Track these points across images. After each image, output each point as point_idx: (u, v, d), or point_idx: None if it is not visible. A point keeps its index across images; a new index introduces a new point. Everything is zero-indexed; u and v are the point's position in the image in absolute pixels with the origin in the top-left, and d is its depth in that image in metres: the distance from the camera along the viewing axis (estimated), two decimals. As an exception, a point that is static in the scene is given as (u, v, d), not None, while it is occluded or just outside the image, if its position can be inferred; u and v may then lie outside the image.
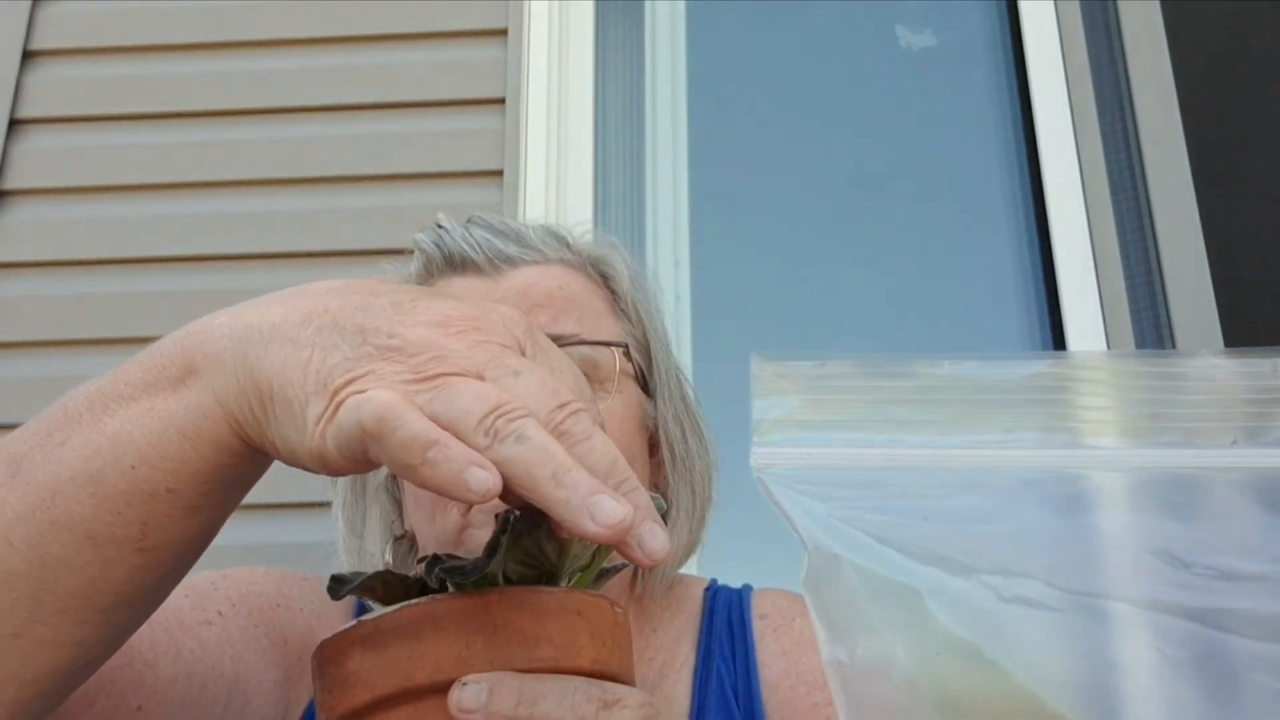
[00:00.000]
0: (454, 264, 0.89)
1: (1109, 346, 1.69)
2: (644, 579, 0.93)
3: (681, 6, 2.10)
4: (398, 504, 0.92)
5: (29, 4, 1.95)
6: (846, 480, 0.43)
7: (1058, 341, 1.75)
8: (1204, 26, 1.94)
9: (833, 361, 0.45)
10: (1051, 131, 1.84)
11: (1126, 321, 1.69)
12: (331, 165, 1.84)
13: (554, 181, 1.83)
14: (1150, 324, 1.69)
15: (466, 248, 0.88)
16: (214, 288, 1.79)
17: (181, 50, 1.93)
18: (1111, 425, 0.46)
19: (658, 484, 0.94)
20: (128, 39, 1.94)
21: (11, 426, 1.93)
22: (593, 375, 0.86)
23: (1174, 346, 1.63)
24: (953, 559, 0.42)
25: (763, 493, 0.43)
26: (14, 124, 1.89)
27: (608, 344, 0.87)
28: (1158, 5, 1.84)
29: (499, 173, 1.80)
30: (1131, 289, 1.72)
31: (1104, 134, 1.82)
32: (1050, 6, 1.93)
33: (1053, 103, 1.86)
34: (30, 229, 1.84)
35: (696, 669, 0.90)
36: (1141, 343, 1.68)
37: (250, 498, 0.86)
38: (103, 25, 1.96)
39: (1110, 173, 1.79)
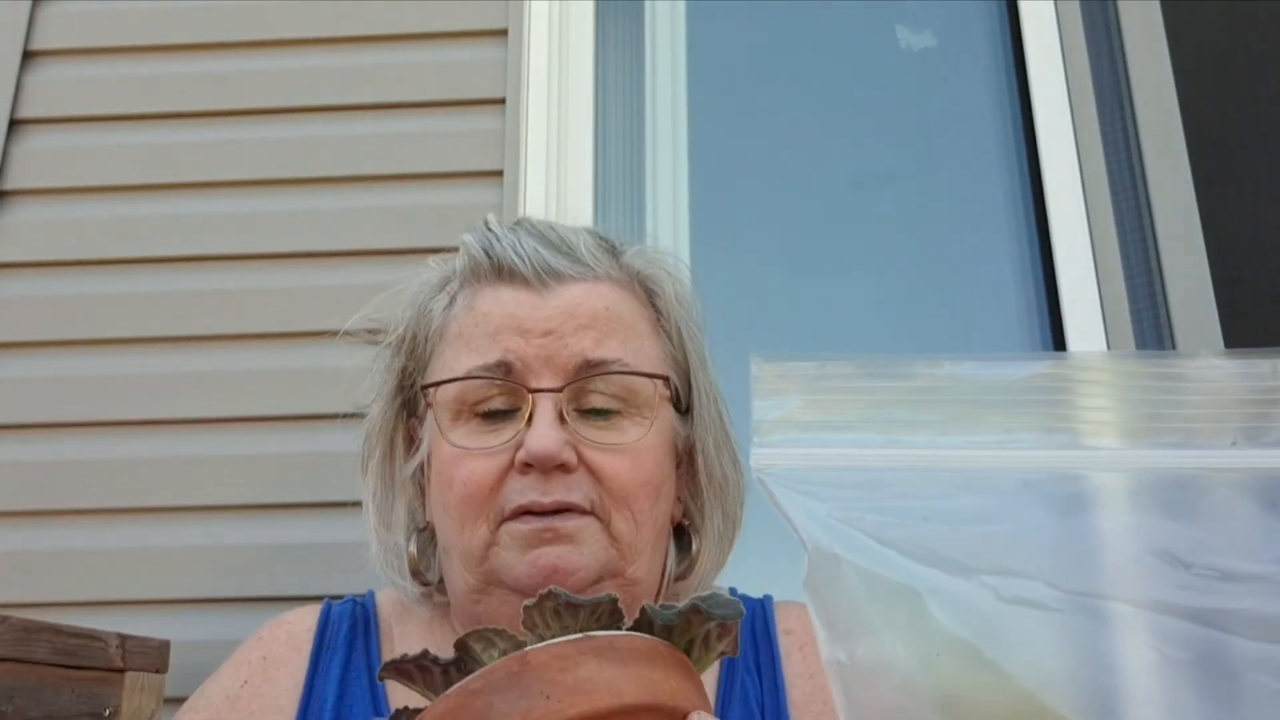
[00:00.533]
0: (501, 273, 0.88)
1: (1109, 346, 1.69)
2: (667, 589, 0.92)
3: (682, 7, 2.10)
4: (423, 494, 0.93)
5: (29, 4, 1.95)
6: (846, 481, 0.43)
7: (1058, 341, 1.75)
8: (1204, 26, 1.94)
9: (832, 362, 0.45)
10: (1051, 131, 1.84)
11: (1127, 322, 1.69)
12: (332, 165, 1.84)
13: (554, 181, 1.83)
14: (1150, 324, 1.69)
15: (516, 259, 0.87)
16: (214, 288, 1.79)
17: (181, 50, 1.93)
18: (1111, 426, 0.46)
19: (681, 495, 0.93)
20: (128, 39, 1.94)
21: (11, 427, 1.94)
22: (630, 401, 0.86)
23: (1174, 346, 1.63)
24: (953, 559, 0.42)
25: (763, 493, 0.43)
26: (14, 124, 1.89)
27: (650, 375, 0.87)
28: (1158, 5, 1.84)
29: (499, 173, 1.80)
30: (1131, 289, 1.72)
31: (1104, 134, 1.82)
32: (1050, 6, 1.93)
33: (1053, 103, 1.86)
34: (30, 229, 1.84)
35: (720, 679, 0.89)
36: (1142, 343, 1.68)
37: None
38: (103, 25, 1.96)
39: (1110, 173, 1.79)
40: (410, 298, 0.95)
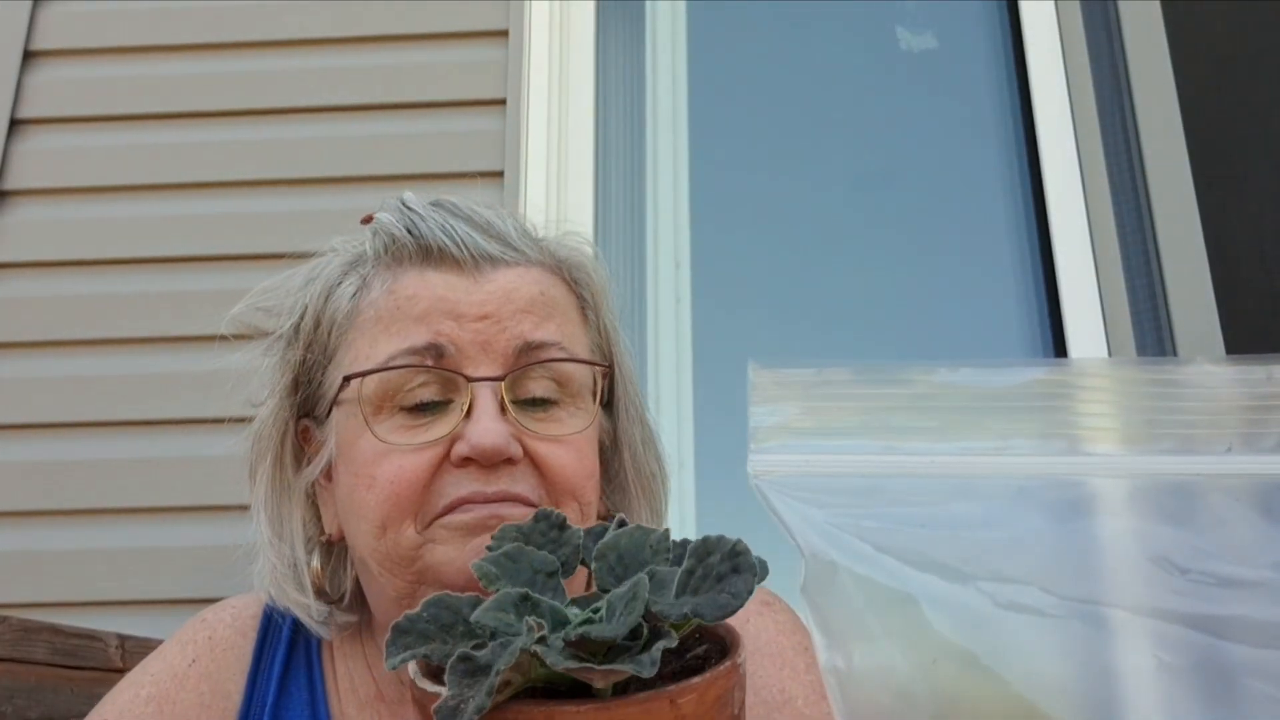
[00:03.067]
0: (428, 255, 0.81)
1: (1109, 348, 1.69)
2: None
3: (682, 7, 2.10)
4: (317, 513, 0.85)
5: (29, 4, 1.95)
6: (843, 487, 0.43)
7: (1058, 342, 1.75)
8: (1204, 26, 1.94)
9: (829, 369, 0.45)
10: (1052, 132, 1.84)
11: (1127, 323, 1.70)
12: (332, 166, 1.84)
13: (554, 182, 1.83)
14: (1151, 326, 1.69)
15: (447, 241, 0.81)
16: (214, 288, 1.79)
17: (182, 51, 1.93)
18: (1108, 432, 0.46)
19: (603, 493, 0.88)
20: (128, 39, 1.94)
21: (11, 427, 1.94)
22: (568, 390, 0.80)
23: (1174, 348, 1.63)
24: (949, 566, 0.42)
25: (759, 500, 0.43)
26: (14, 124, 1.89)
27: (593, 364, 0.82)
28: (1158, 5, 1.84)
29: (499, 173, 1.80)
30: (1132, 290, 1.72)
31: (1104, 135, 1.82)
32: (1050, 6, 1.93)
33: (1053, 103, 1.86)
34: (30, 229, 1.85)
35: None
36: (1142, 344, 1.68)
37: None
38: (103, 26, 1.96)
39: (1110, 174, 1.79)
40: (306, 282, 0.88)
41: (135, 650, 1.30)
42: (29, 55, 1.93)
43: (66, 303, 1.80)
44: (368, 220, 0.89)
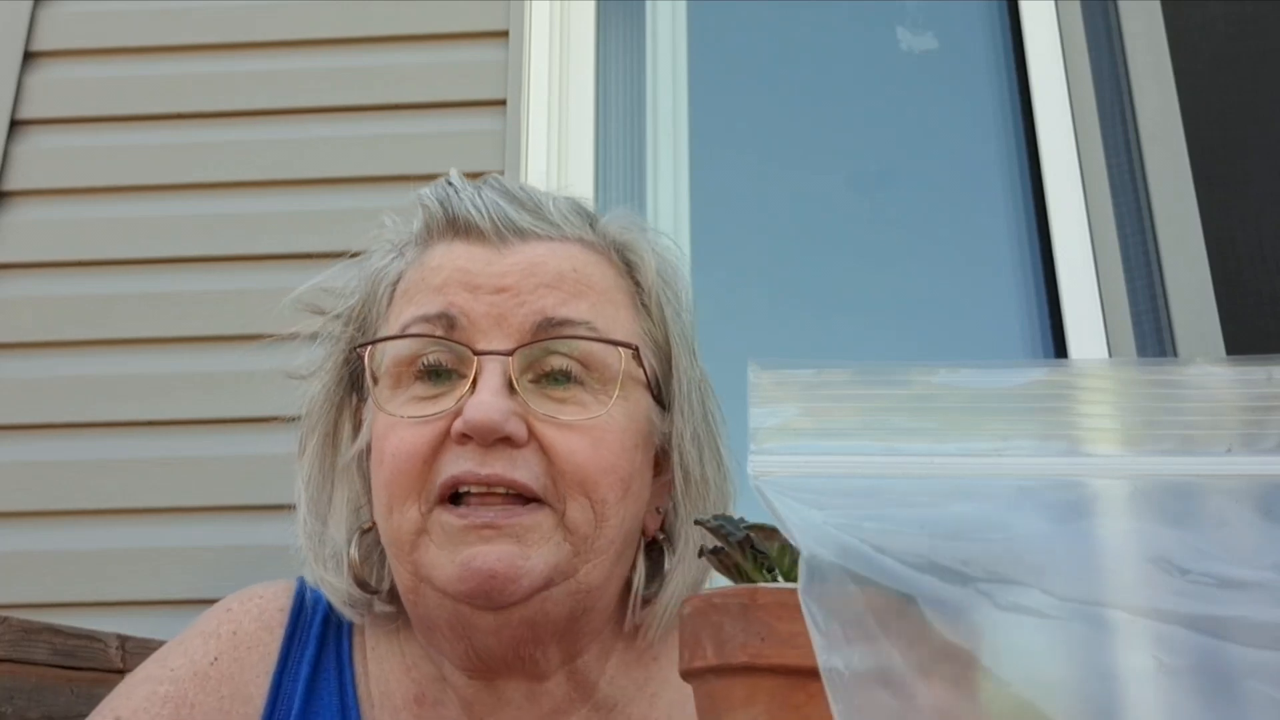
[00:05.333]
0: (457, 227, 0.78)
1: (1110, 348, 1.69)
2: (635, 612, 0.80)
3: (683, 8, 2.10)
4: (368, 486, 0.81)
5: (30, 5, 1.95)
6: (844, 489, 0.43)
7: (1058, 343, 1.75)
8: (1204, 26, 1.94)
9: (830, 369, 0.45)
10: (1052, 133, 1.84)
11: (1127, 324, 1.70)
12: (332, 167, 1.84)
13: (555, 182, 1.84)
14: (1151, 326, 1.69)
15: (473, 211, 0.77)
16: (214, 288, 1.79)
17: (182, 51, 1.93)
18: (1108, 433, 0.46)
19: (660, 505, 0.82)
20: (128, 40, 1.94)
21: (11, 427, 1.94)
22: (594, 371, 0.75)
23: (1175, 348, 1.63)
24: (949, 567, 0.42)
25: (760, 501, 0.43)
26: (15, 124, 1.89)
27: (614, 343, 0.75)
28: (1158, 5, 1.84)
29: (500, 174, 1.80)
30: (1132, 290, 1.72)
31: (1104, 135, 1.82)
32: (1050, 6, 1.93)
33: (1053, 104, 1.86)
34: (30, 229, 1.85)
35: None
36: (1142, 345, 1.68)
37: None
38: (103, 26, 1.96)
39: (1110, 174, 1.79)
40: (360, 261, 0.87)
41: (136, 651, 1.30)
42: (29, 55, 1.93)
43: (66, 303, 1.80)
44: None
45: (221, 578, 1.64)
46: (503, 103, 1.84)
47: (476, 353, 0.73)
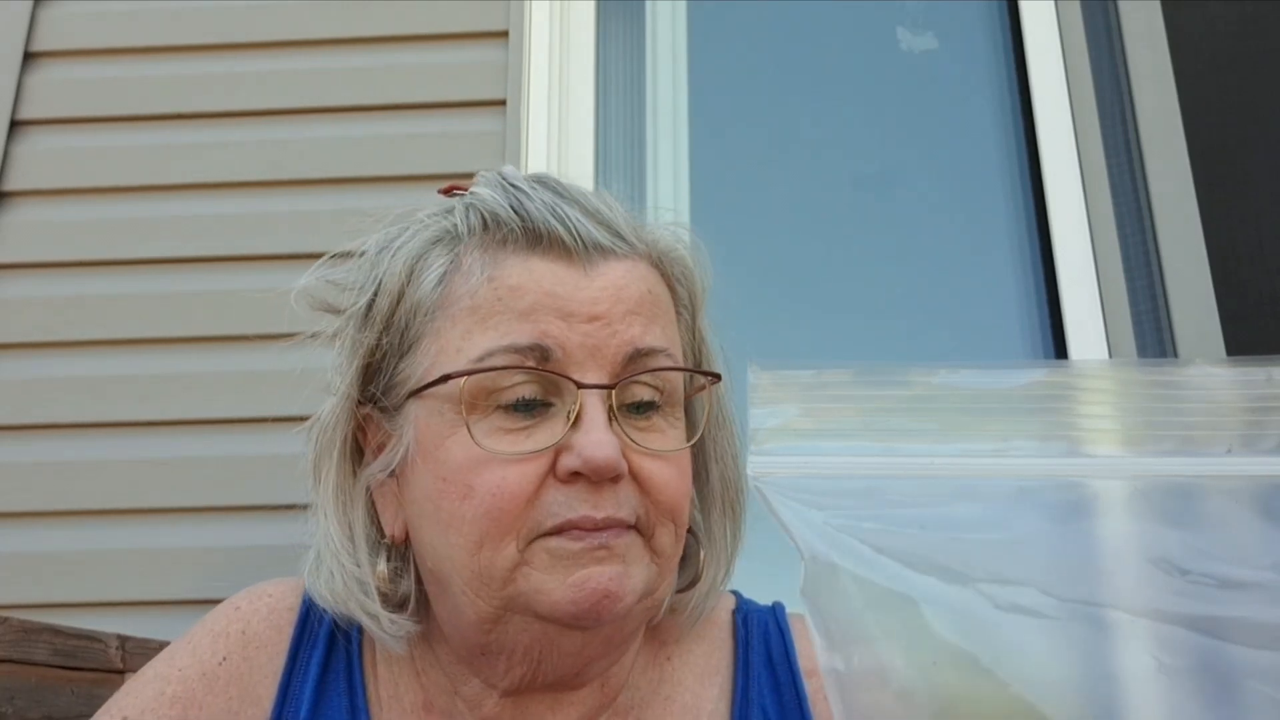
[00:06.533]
0: (535, 240, 0.73)
1: (1110, 349, 1.69)
2: (660, 614, 0.80)
3: (683, 8, 2.10)
4: (373, 503, 0.78)
5: (30, 5, 1.95)
6: (843, 489, 0.43)
7: (1058, 343, 1.75)
8: (1204, 26, 1.94)
9: (829, 370, 0.46)
10: (1052, 133, 1.84)
11: (1128, 324, 1.70)
12: (332, 167, 1.84)
13: (554, 182, 1.83)
14: (1151, 327, 1.69)
15: (559, 227, 0.73)
16: (214, 289, 1.79)
17: (182, 52, 1.93)
18: (1108, 434, 0.46)
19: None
20: (128, 40, 1.94)
21: (11, 427, 1.93)
22: (667, 398, 0.74)
23: (1175, 349, 1.63)
24: (949, 567, 0.42)
25: (760, 502, 0.43)
26: (15, 125, 1.89)
27: (705, 374, 0.77)
28: (1158, 5, 1.84)
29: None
30: (1132, 290, 1.72)
31: (1104, 135, 1.82)
32: (1051, 7, 1.93)
33: (1053, 104, 1.86)
34: (30, 230, 1.85)
35: (733, 707, 0.79)
36: (1143, 345, 1.68)
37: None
38: (103, 27, 1.96)
39: (1110, 174, 1.79)
40: (379, 251, 0.80)
41: (136, 651, 1.30)
42: (29, 56, 1.93)
43: (66, 303, 1.80)
44: (449, 191, 0.83)
45: (222, 578, 1.64)
46: (503, 103, 1.84)
47: (580, 386, 0.70)
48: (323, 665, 0.80)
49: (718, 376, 0.77)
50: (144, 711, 0.76)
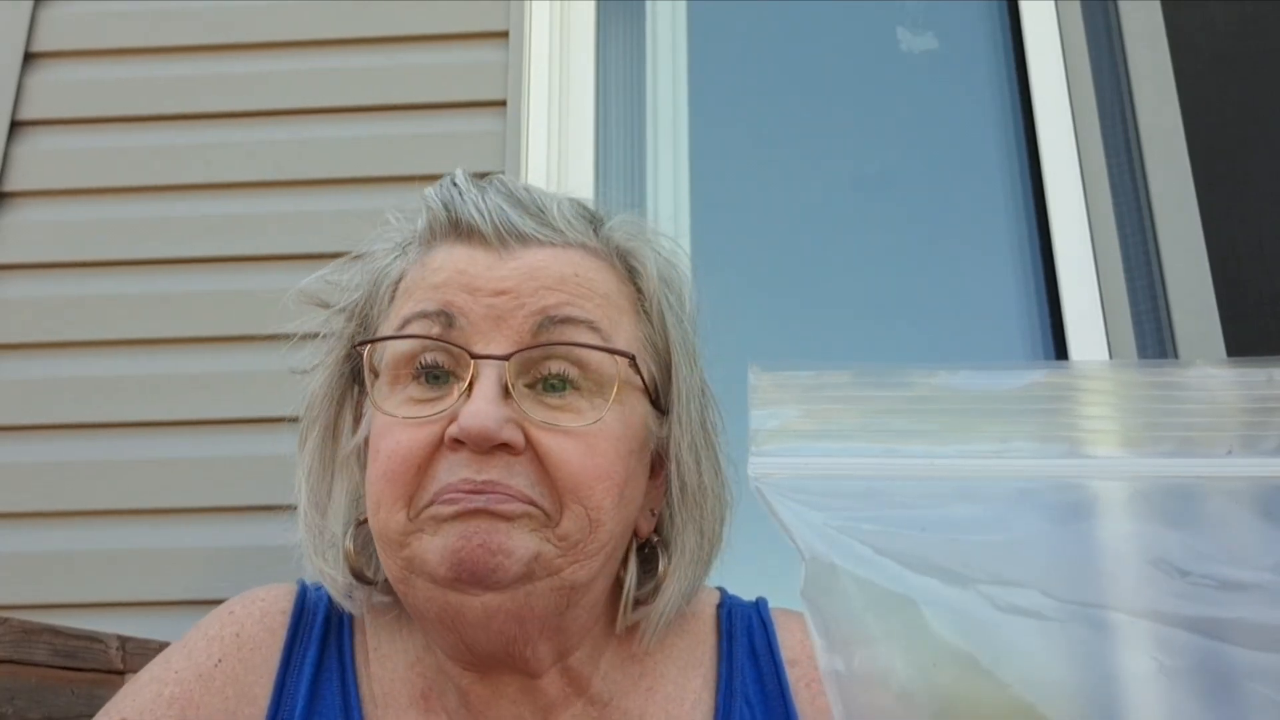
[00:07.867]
0: (459, 230, 0.78)
1: (1110, 350, 1.69)
2: (627, 613, 0.81)
3: (683, 8, 2.10)
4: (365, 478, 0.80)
5: (30, 6, 1.95)
6: (844, 490, 0.43)
7: (1059, 344, 1.75)
8: (1204, 26, 1.94)
9: (830, 371, 0.46)
10: (1052, 133, 1.84)
11: (1128, 324, 1.70)
12: (332, 167, 1.84)
13: (555, 183, 1.84)
14: (1152, 327, 1.69)
15: (476, 215, 0.77)
16: (214, 289, 1.79)
17: (182, 52, 1.93)
18: (1108, 435, 0.46)
19: (655, 508, 0.82)
20: (128, 41, 1.94)
21: (11, 427, 1.93)
22: (591, 378, 0.74)
23: (1175, 349, 1.63)
24: (949, 569, 0.42)
25: (760, 503, 0.43)
26: (15, 125, 1.89)
27: (612, 351, 0.75)
28: (1158, 5, 1.84)
29: (501, 174, 1.80)
30: (1132, 290, 1.72)
31: (1104, 136, 1.82)
32: (1050, 6, 1.93)
33: (1053, 104, 1.86)
34: (30, 230, 1.85)
35: (716, 712, 0.80)
36: (1143, 346, 1.68)
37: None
38: (103, 27, 1.96)
39: (1110, 174, 1.79)
40: (362, 257, 0.87)
41: (136, 652, 1.30)
42: (29, 56, 1.93)
43: (66, 303, 1.80)
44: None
45: (222, 578, 1.64)
46: (503, 103, 1.84)
47: (474, 356, 0.72)
48: (316, 665, 0.82)
49: (628, 356, 0.76)
50: (142, 713, 0.77)
